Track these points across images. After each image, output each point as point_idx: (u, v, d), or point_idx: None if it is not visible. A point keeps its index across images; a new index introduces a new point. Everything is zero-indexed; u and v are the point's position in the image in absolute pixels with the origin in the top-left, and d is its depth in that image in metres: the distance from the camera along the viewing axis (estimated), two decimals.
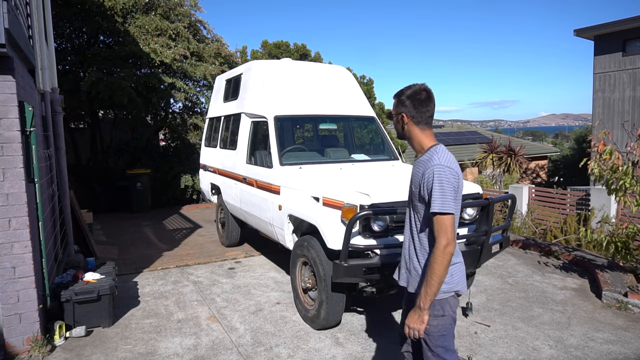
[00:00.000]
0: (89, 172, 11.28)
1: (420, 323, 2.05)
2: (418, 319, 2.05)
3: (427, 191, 2.04)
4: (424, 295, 2.02)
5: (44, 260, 3.74)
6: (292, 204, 4.39)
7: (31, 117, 3.51)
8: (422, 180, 2.08)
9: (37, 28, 4.58)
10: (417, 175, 2.15)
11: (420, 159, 2.17)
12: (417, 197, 2.13)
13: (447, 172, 2.02)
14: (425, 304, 2.02)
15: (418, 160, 2.19)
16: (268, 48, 16.55)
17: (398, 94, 2.22)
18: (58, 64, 7.34)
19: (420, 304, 2.03)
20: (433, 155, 2.09)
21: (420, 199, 2.11)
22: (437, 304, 2.14)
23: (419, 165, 2.15)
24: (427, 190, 2.04)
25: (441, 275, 1.99)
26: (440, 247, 1.98)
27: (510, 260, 6.06)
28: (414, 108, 2.14)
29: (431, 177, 2.02)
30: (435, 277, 1.99)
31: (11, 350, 3.45)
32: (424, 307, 2.03)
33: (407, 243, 2.26)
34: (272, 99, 5.31)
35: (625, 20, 13.65)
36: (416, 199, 2.15)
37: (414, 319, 2.06)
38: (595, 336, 3.85)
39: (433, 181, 2.01)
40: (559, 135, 68.01)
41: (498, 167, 14.39)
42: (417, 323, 2.05)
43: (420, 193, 2.10)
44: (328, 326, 3.96)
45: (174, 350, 3.67)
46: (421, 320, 2.05)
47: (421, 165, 2.13)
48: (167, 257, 6.37)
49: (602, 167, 4.89)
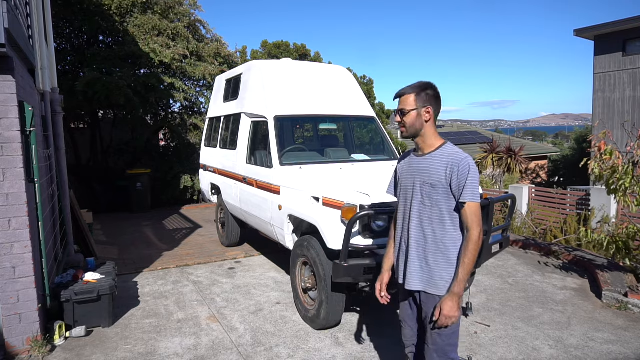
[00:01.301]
0: (89, 172, 11.28)
1: (457, 310, 2.09)
2: (454, 306, 2.09)
3: (459, 182, 2.10)
4: (460, 282, 2.08)
5: (44, 260, 3.74)
6: (292, 204, 4.39)
7: (31, 117, 3.51)
8: (450, 173, 2.12)
9: (37, 28, 4.58)
10: (435, 169, 2.16)
11: (435, 153, 2.19)
12: (439, 191, 2.15)
13: (474, 165, 2.14)
14: (460, 290, 2.09)
15: (432, 155, 2.20)
16: (268, 48, 16.56)
17: (423, 87, 2.20)
18: (58, 64, 7.34)
19: (455, 290, 2.09)
20: (454, 150, 2.17)
21: (443, 191, 2.14)
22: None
23: (435, 159, 2.18)
24: (461, 181, 2.10)
25: (473, 263, 2.09)
26: (476, 235, 2.08)
27: (510, 260, 6.06)
28: (437, 105, 2.20)
29: (466, 169, 2.09)
30: (469, 265, 2.08)
31: (11, 350, 3.45)
32: (459, 292, 2.09)
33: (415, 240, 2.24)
34: (272, 99, 5.30)
35: (625, 20, 13.66)
36: (436, 193, 2.16)
37: (452, 307, 2.09)
38: (595, 336, 3.85)
39: (468, 172, 2.09)
40: (559, 135, 68.01)
41: (498, 167, 14.39)
42: (453, 310, 2.09)
43: (450, 184, 2.13)
44: (328, 326, 3.96)
45: (174, 350, 3.67)
46: (458, 306, 2.10)
47: (441, 159, 2.16)
48: (167, 257, 6.37)
49: (602, 167, 4.89)
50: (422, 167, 2.21)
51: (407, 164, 2.34)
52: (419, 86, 2.21)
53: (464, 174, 2.09)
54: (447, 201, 2.15)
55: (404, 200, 2.33)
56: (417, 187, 2.23)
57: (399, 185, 2.40)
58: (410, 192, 2.27)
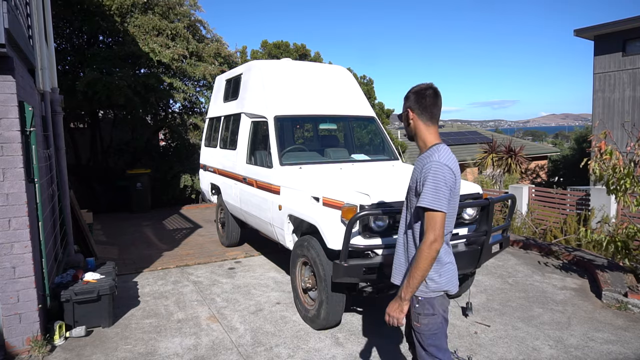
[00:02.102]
0: (89, 172, 11.28)
1: (399, 312, 2.07)
2: (398, 308, 2.07)
3: (422, 186, 2.05)
4: (406, 286, 2.04)
5: (44, 260, 3.74)
6: (292, 204, 4.39)
7: (31, 117, 3.51)
8: (419, 176, 2.10)
9: (37, 28, 4.58)
10: (415, 171, 2.16)
11: (422, 155, 2.18)
12: (414, 193, 2.15)
13: (445, 170, 2.02)
14: (406, 295, 2.05)
15: (419, 157, 2.20)
16: (268, 48, 16.56)
17: (409, 91, 2.24)
18: (58, 64, 7.34)
19: (402, 294, 2.06)
20: (434, 153, 2.10)
21: (416, 194, 2.12)
22: (427, 303, 2.15)
23: (419, 161, 2.17)
24: (422, 185, 2.05)
25: (425, 269, 2.00)
26: (427, 242, 1.98)
27: (510, 260, 6.06)
28: (418, 103, 2.17)
29: (427, 173, 2.03)
30: (418, 271, 2.00)
31: (11, 350, 3.45)
32: (404, 297, 2.05)
33: (402, 241, 2.26)
34: (272, 99, 5.30)
35: (625, 20, 13.65)
36: (412, 195, 2.17)
37: (394, 308, 2.08)
38: (595, 336, 3.85)
39: (428, 177, 2.02)
40: (559, 135, 67.99)
41: (498, 167, 14.39)
42: (396, 312, 2.07)
43: (416, 188, 2.12)
44: (328, 326, 3.96)
45: (174, 350, 3.67)
46: (400, 309, 2.07)
47: (421, 161, 2.15)
48: (167, 257, 6.37)
49: (602, 167, 4.89)
50: (414, 167, 2.24)
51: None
52: (409, 90, 2.24)
53: (425, 177, 2.04)
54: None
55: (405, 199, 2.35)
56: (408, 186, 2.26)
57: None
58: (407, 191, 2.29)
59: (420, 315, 2.16)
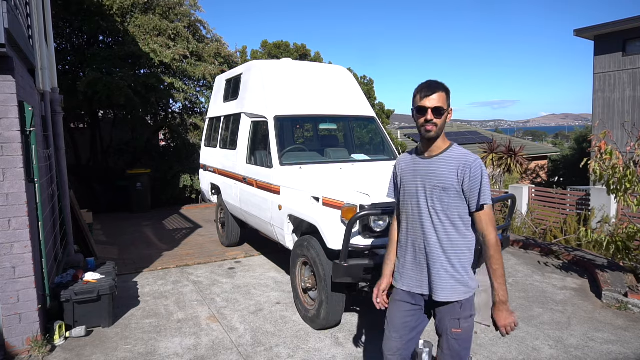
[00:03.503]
0: (89, 172, 11.28)
1: (511, 316, 2.05)
2: (507, 313, 2.05)
3: (472, 185, 2.05)
4: (499, 289, 2.04)
5: (44, 260, 3.74)
6: (292, 204, 4.39)
7: (31, 117, 3.51)
8: (462, 175, 2.06)
9: (37, 28, 4.58)
10: (446, 172, 2.08)
11: (443, 155, 2.11)
12: (450, 194, 2.07)
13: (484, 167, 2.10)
14: (505, 296, 2.05)
15: (440, 157, 2.12)
16: (268, 48, 16.56)
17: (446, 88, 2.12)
18: (58, 64, 7.34)
19: (503, 298, 2.05)
20: (463, 152, 2.12)
21: (455, 195, 2.07)
22: (467, 304, 2.12)
23: (444, 161, 2.10)
24: (474, 183, 2.05)
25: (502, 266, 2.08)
26: (494, 239, 2.06)
27: (510, 260, 6.06)
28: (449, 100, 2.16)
29: (479, 171, 2.06)
30: (499, 270, 2.05)
31: (11, 350, 3.45)
32: (505, 299, 2.05)
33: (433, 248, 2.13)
34: (272, 99, 5.30)
35: (625, 20, 13.66)
36: (447, 197, 2.08)
37: (506, 316, 2.05)
38: (595, 336, 3.85)
39: (482, 175, 2.06)
40: (559, 135, 67.98)
41: (498, 167, 14.40)
42: (509, 318, 2.05)
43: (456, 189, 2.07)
44: (328, 326, 3.96)
45: (174, 350, 3.67)
46: (510, 313, 2.06)
47: (451, 161, 2.09)
48: (167, 257, 6.37)
49: (602, 167, 4.89)
50: (431, 169, 2.12)
51: (409, 166, 2.22)
52: (444, 85, 2.12)
53: (477, 176, 2.05)
54: (459, 205, 2.09)
55: (409, 204, 2.20)
56: (425, 190, 2.13)
57: (401, 189, 2.28)
58: (416, 196, 2.16)
59: (460, 319, 2.12)
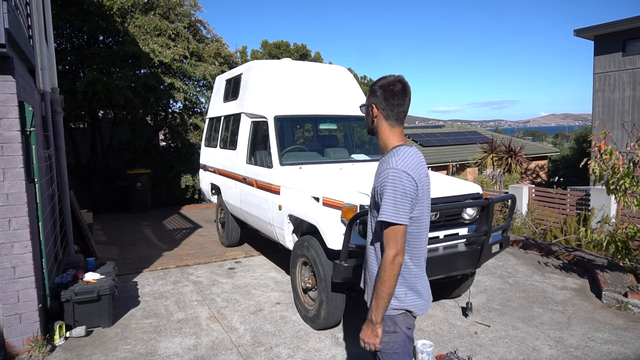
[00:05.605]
0: (89, 172, 11.29)
1: (374, 337, 1.88)
2: (371, 333, 1.89)
3: (379, 197, 1.86)
4: (375, 308, 1.85)
5: (44, 260, 3.74)
6: (292, 204, 4.39)
7: (31, 117, 3.51)
8: (377, 184, 1.90)
9: (37, 28, 4.58)
10: (374, 179, 1.94)
11: (381, 159, 1.95)
12: (372, 202, 1.96)
13: (402, 178, 1.81)
14: (376, 317, 1.86)
15: (380, 161, 1.97)
16: (268, 48, 16.58)
17: (374, 83, 2.00)
18: (58, 64, 7.34)
19: (372, 318, 1.87)
20: (391, 157, 1.88)
21: (375, 204, 1.92)
22: (388, 320, 1.98)
23: (379, 166, 1.95)
24: (379, 195, 1.86)
25: (391, 287, 1.83)
26: (388, 258, 1.81)
27: (510, 260, 6.06)
28: (385, 100, 1.94)
29: (385, 182, 1.83)
30: (384, 289, 1.83)
31: (11, 350, 3.45)
32: (375, 320, 1.86)
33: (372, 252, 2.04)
34: (272, 99, 5.31)
35: (625, 20, 13.66)
36: (373, 204, 1.97)
37: (368, 333, 1.90)
38: (595, 336, 3.85)
39: (385, 187, 1.82)
40: (559, 135, 67.97)
41: (498, 167, 14.40)
42: (371, 337, 1.89)
43: (374, 198, 1.92)
44: (328, 326, 3.96)
45: (174, 350, 3.67)
46: (375, 334, 1.88)
47: (379, 166, 1.93)
48: (167, 257, 6.37)
49: (602, 167, 4.89)
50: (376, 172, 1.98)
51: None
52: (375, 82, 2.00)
53: (383, 187, 1.83)
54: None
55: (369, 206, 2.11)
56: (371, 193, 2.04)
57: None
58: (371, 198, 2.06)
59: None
